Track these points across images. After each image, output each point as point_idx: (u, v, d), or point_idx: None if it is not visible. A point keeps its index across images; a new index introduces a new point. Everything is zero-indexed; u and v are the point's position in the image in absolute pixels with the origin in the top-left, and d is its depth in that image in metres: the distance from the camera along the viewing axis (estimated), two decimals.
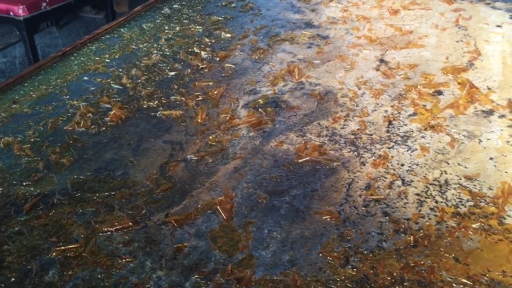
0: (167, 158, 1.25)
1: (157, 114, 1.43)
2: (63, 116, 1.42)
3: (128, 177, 1.18)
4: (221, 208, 1.08)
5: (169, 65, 1.71)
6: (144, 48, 1.84)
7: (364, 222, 1.03)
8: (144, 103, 1.48)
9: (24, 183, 1.16)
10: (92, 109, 1.45)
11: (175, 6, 2.25)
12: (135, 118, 1.42)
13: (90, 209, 1.08)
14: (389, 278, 0.90)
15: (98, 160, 1.24)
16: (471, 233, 0.99)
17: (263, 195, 1.12)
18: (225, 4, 2.28)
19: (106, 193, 1.13)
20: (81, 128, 1.37)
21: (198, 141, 1.31)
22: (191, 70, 1.67)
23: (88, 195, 1.12)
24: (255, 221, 1.04)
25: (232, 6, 2.25)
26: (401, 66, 1.66)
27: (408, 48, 1.80)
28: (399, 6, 2.17)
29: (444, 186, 1.13)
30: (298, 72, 1.64)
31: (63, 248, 0.98)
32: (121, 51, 1.81)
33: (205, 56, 1.77)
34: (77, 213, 1.07)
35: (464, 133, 1.31)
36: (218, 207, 1.08)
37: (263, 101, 1.48)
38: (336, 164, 1.21)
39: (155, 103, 1.48)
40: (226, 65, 1.71)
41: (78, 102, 1.48)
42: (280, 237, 1.00)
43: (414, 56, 1.73)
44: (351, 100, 1.48)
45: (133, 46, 1.85)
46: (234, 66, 1.70)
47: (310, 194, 1.11)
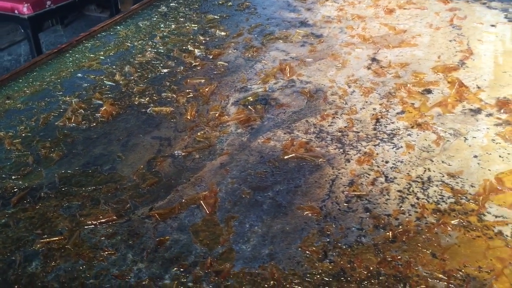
0: (155, 154, 1.26)
1: (148, 111, 1.45)
2: (55, 112, 1.44)
3: (115, 172, 1.20)
4: (205, 203, 1.09)
5: (163, 63, 1.73)
6: (139, 46, 1.86)
7: (345, 218, 1.04)
8: (136, 100, 1.50)
9: (13, 177, 1.18)
10: (84, 105, 1.47)
11: (172, 5, 2.27)
12: (126, 114, 1.44)
13: (76, 203, 1.10)
14: (366, 272, 0.91)
15: (87, 155, 1.26)
16: (450, 229, 1.00)
17: (247, 191, 1.13)
18: (222, 3, 2.29)
19: (93, 187, 1.15)
20: (72, 124, 1.39)
21: (187, 137, 1.32)
22: (184, 68, 1.69)
23: (75, 189, 1.14)
24: (238, 216, 1.06)
25: (229, 5, 2.27)
26: (393, 65, 1.67)
27: (401, 47, 1.80)
28: (395, 5, 2.18)
29: (427, 183, 1.13)
30: (290, 70, 1.65)
31: (47, 240, 1.00)
32: (116, 49, 1.83)
33: (199, 54, 1.79)
34: (63, 207, 1.09)
35: (451, 131, 1.31)
36: (202, 202, 1.09)
37: (253, 99, 1.50)
38: (321, 161, 1.22)
39: (147, 100, 1.50)
40: (219, 63, 1.72)
41: (71, 98, 1.51)
42: (261, 232, 1.01)
43: (406, 55, 1.74)
44: (341, 98, 1.49)
45: (128, 44, 1.87)
46: (227, 64, 1.72)
47: (294, 190, 1.13)
